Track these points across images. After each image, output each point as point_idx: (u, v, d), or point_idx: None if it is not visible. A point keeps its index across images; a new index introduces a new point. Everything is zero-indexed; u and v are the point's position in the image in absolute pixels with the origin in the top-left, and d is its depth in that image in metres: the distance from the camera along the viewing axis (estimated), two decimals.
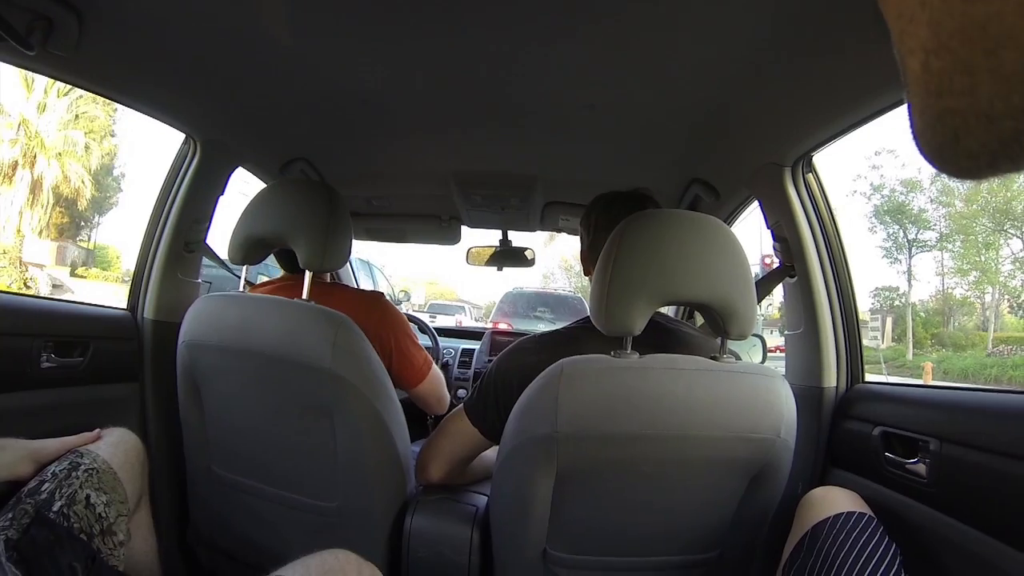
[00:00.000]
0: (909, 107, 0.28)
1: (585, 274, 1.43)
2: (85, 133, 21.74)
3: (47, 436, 1.22)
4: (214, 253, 1.85)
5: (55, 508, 1.08)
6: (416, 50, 1.23)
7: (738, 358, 1.18)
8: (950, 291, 25.87)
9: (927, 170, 23.66)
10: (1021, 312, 24.86)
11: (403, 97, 1.48)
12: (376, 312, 1.48)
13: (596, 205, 1.44)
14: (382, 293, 1.59)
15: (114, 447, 1.27)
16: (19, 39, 1.09)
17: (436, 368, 1.69)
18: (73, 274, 23.41)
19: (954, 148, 0.26)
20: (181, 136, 1.73)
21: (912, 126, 0.28)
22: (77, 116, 21.70)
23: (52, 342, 1.45)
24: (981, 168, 0.26)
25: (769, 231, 1.61)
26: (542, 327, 5.82)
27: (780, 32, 1.03)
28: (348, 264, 1.86)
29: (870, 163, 26.44)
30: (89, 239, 27.32)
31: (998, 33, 0.22)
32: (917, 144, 0.28)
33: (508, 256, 2.90)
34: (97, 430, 1.27)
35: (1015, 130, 0.23)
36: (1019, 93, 0.23)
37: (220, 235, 1.82)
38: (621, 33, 1.10)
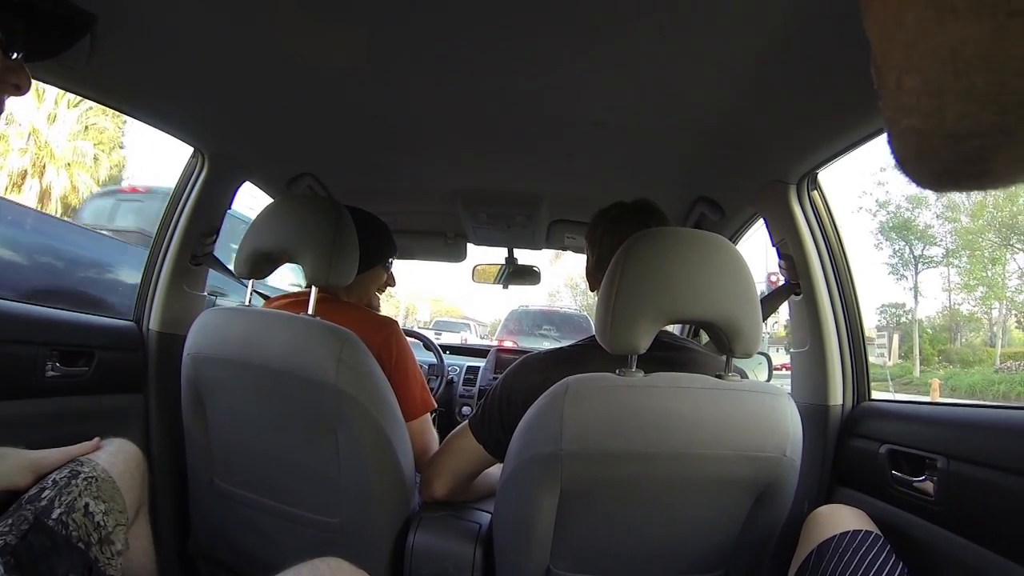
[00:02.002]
0: (883, 118, 0.29)
1: (591, 290, 1.43)
2: (94, 144, 21.92)
3: (51, 444, 1.22)
4: (222, 264, 1.85)
5: (54, 515, 1.08)
6: (423, 68, 1.24)
7: (743, 376, 1.17)
8: (957, 307, 25.81)
9: None
10: None
11: (410, 115, 1.49)
12: (382, 334, 1.46)
13: (601, 221, 1.43)
14: (396, 320, 1.58)
15: (113, 456, 1.27)
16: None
17: (430, 418, 1.60)
18: None
19: (916, 165, 0.28)
20: (189, 150, 1.74)
21: (888, 136, 0.29)
22: (87, 127, 21.88)
23: (57, 351, 1.46)
24: (944, 183, 0.28)
25: (774, 248, 1.61)
26: (547, 345, 5.81)
27: (784, 50, 1.04)
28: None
29: (875, 180, 26.39)
30: None
31: (971, 56, 0.23)
32: (891, 152, 0.29)
33: (514, 274, 2.90)
34: (96, 439, 1.26)
35: (981, 148, 0.24)
36: (990, 110, 0.23)
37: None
38: (626, 52, 1.11)
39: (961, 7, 0.23)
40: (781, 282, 1.61)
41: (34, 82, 0.92)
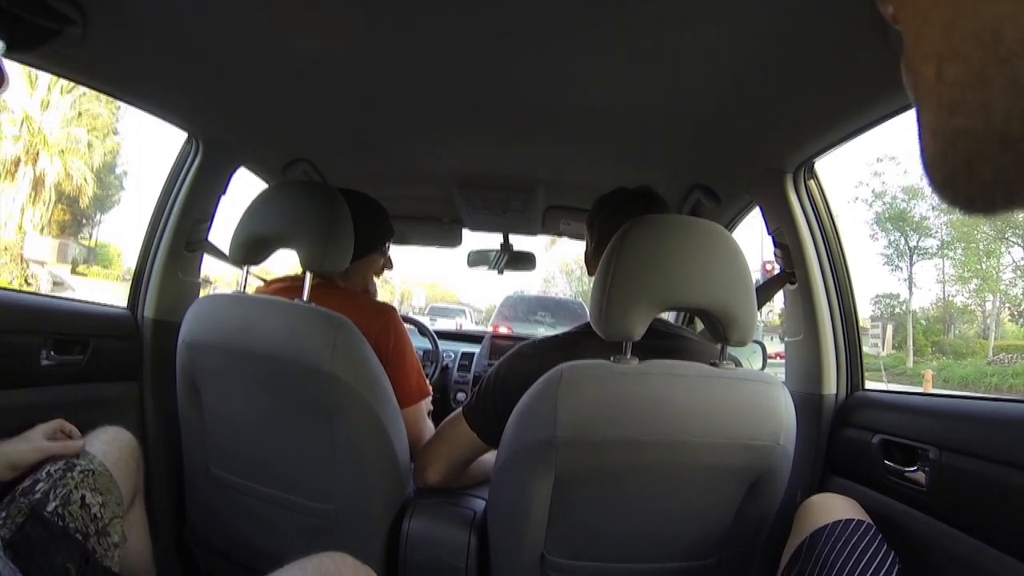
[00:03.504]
0: (920, 131, 0.26)
1: (590, 274, 1.43)
2: (88, 130, 21.82)
3: None
4: (218, 250, 1.84)
5: (50, 508, 1.08)
6: (419, 52, 1.23)
7: (738, 364, 1.17)
8: (951, 299, 25.90)
9: None
10: (1022, 320, 24.87)
11: (406, 99, 1.48)
12: (380, 321, 1.46)
13: (603, 207, 1.44)
14: (394, 307, 1.58)
15: (108, 444, 1.27)
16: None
17: (426, 404, 1.62)
18: (74, 272, 23.44)
19: (967, 177, 0.24)
20: (183, 135, 1.73)
21: (923, 153, 0.26)
22: (80, 113, 21.78)
23: (52, 340, 1.45)
24: (995, 200, 0.24)
25: (770, 237, 1.61)
26: (542, 331, 5.82)
27: (782, 38, 1.03)
28: None
29: (872, 170, 26.36)
30: (91, 237, 27.38)
31: (1013, 38, 0.21)
32: (928, 175, 0.26)
33: (509, 259, 2.89)
34: (81, 443, 1.25)
35: None
36: None
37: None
38: (623, 37, 1.10)
39: None
40: (776, 271, 1.61)
41: (27, 68, 0.91)
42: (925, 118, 0.26)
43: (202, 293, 1.82)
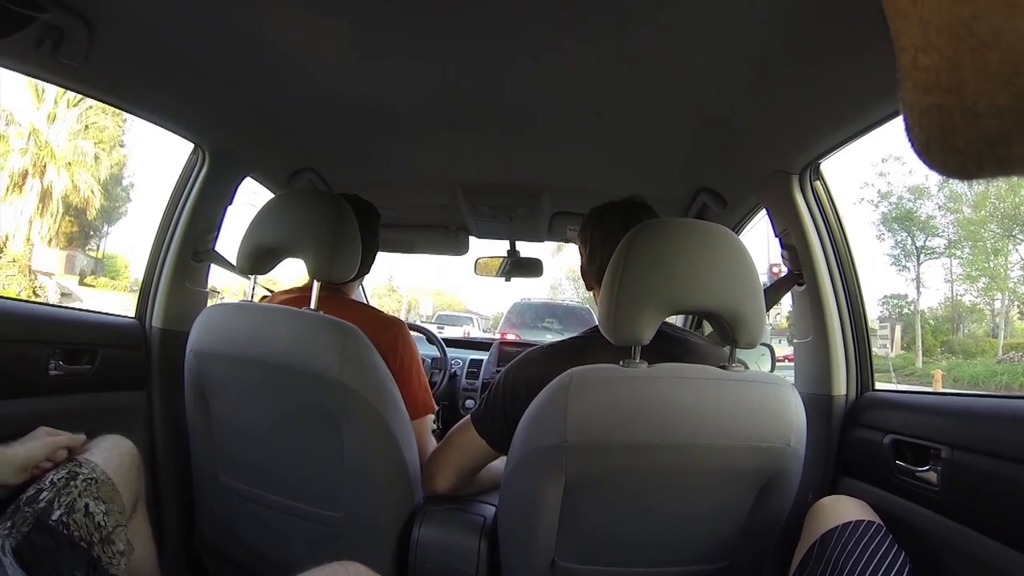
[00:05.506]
0: (901, 103, 0.29)
1: (587, 288, 1.42)
2: (95, 143, 22.00)
3: None
4: (225, 260, 1.85)
5: (54, 516, 1.08)
6: (423, 60, 1.24)
7: (747, 367, 1.17)
8: (959, 298, 25.72)
9: (934, 177, 23.58)
10: None
11: (411, 107, 1.49)
12: (389, 334, 1.47)
13: (591, 219, 1.43)
14: (403, 321, 1.58)
15: (108, 452, 1.28)
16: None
17: (431, 419, 1.62)
18: (82, 283, 23.57)
19: (940, 144, 0.26)
20: (190, 146, 1.74)
21: (904, 120, 0.28)
22: (87, 126, 21.96)
23: (60, 349, 1.46)
24: (968, 166, 0.26)
25: (777, 239, 1.61)
26: (550, 338, 5.80)
27: (786, 39, 1.03)
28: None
29: (877, 170, 26.18)
30: (98, 248, 27.54)
31: (984, 32, 0.23)
32: (908, 139, 0.29)
33: (516, 267, 2.89)
34: (83, 436, 1.27)
35: (1000, 130, 0.24)
36: (1005, 92, 0.23)
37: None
38: (627, 42, 1.11)
39: None
40: (783, 273, 1.60)
41: (34, 81, 0.92)
42: (904, 96, 0.28)
43: (209, 303, 1.83)
